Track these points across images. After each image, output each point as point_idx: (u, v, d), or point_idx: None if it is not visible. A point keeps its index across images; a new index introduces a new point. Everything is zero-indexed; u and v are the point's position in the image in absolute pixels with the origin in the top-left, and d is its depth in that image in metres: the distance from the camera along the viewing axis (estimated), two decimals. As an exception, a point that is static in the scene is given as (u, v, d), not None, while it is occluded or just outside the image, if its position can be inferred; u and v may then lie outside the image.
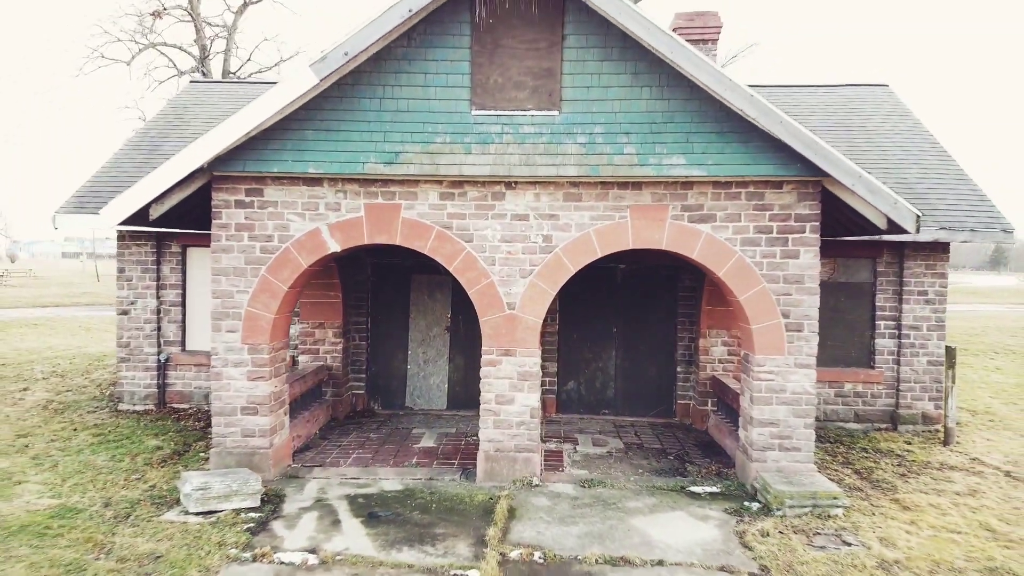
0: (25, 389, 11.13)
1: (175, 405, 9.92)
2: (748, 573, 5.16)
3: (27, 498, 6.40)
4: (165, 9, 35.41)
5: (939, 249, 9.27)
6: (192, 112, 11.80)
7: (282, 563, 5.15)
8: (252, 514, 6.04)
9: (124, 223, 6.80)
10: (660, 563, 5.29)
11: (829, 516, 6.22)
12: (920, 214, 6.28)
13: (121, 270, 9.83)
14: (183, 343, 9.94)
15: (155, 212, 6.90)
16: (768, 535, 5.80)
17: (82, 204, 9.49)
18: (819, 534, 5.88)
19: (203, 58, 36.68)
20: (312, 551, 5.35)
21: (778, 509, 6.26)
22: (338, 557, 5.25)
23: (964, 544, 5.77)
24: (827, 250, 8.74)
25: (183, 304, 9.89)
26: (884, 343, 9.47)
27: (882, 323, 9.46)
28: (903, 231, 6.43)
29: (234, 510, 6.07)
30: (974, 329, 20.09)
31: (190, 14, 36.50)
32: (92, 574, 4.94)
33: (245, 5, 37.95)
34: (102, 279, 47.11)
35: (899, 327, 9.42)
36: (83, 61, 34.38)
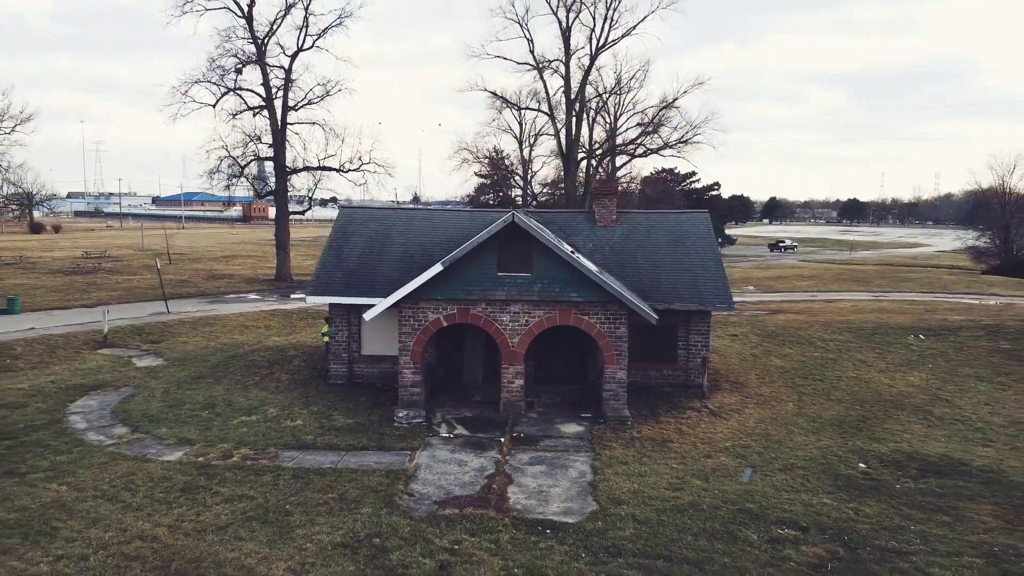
0: (271, 373, 22.41)
1: (356, 381, 21.27)
2: (588, 440, 16.61)
3: (341, 421, 17.76)
4: (245, 64, 45.84)
5: (705, 312, 20.54)
6: (350, 229, 22.86)
7: (443, 436, 16.62)
8: (423, 423, 17.45)
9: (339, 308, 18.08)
10: (561, 436, 16.79)
11: (625, 424, 17.64)
12: (657, 318, 17.63)
13: (328, 316, 21.09)
14: (360, 350, 21.29)
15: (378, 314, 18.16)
16: (600, 430, 17.25)
17: (316, 290, 20.67)
18: (618, 429, 17.33)
19: (269, 99, 47.18)
20: (450, 433, 16.83)
21: (607, 423, 17.70)
22: (459, 435, 16.74)
23: (666, 434, 17.21)
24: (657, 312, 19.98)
25: (359, 332, 21.19)
26: (680, 352, 20.83)
27: (680, 342, 20.81)
28: (651, 319, 17.75)
29: (417, 422, 17.47)
30: (805, 323, 31.36)
31: (257, 61, 46.90)
32: (386, 441, 16.33)
33: (298, 51, 48.35)
34: (173, 261, 57.96)
35: (688, 344, 20.76)
36: (178, 106, 44.84)
